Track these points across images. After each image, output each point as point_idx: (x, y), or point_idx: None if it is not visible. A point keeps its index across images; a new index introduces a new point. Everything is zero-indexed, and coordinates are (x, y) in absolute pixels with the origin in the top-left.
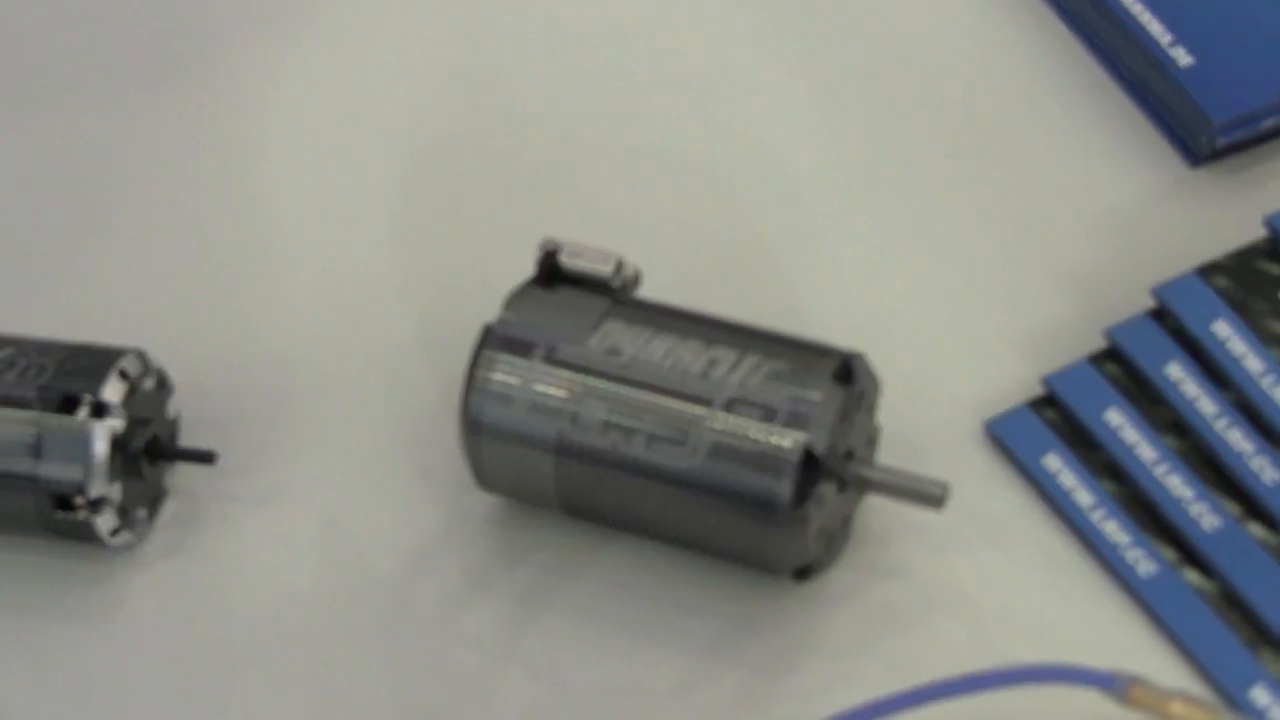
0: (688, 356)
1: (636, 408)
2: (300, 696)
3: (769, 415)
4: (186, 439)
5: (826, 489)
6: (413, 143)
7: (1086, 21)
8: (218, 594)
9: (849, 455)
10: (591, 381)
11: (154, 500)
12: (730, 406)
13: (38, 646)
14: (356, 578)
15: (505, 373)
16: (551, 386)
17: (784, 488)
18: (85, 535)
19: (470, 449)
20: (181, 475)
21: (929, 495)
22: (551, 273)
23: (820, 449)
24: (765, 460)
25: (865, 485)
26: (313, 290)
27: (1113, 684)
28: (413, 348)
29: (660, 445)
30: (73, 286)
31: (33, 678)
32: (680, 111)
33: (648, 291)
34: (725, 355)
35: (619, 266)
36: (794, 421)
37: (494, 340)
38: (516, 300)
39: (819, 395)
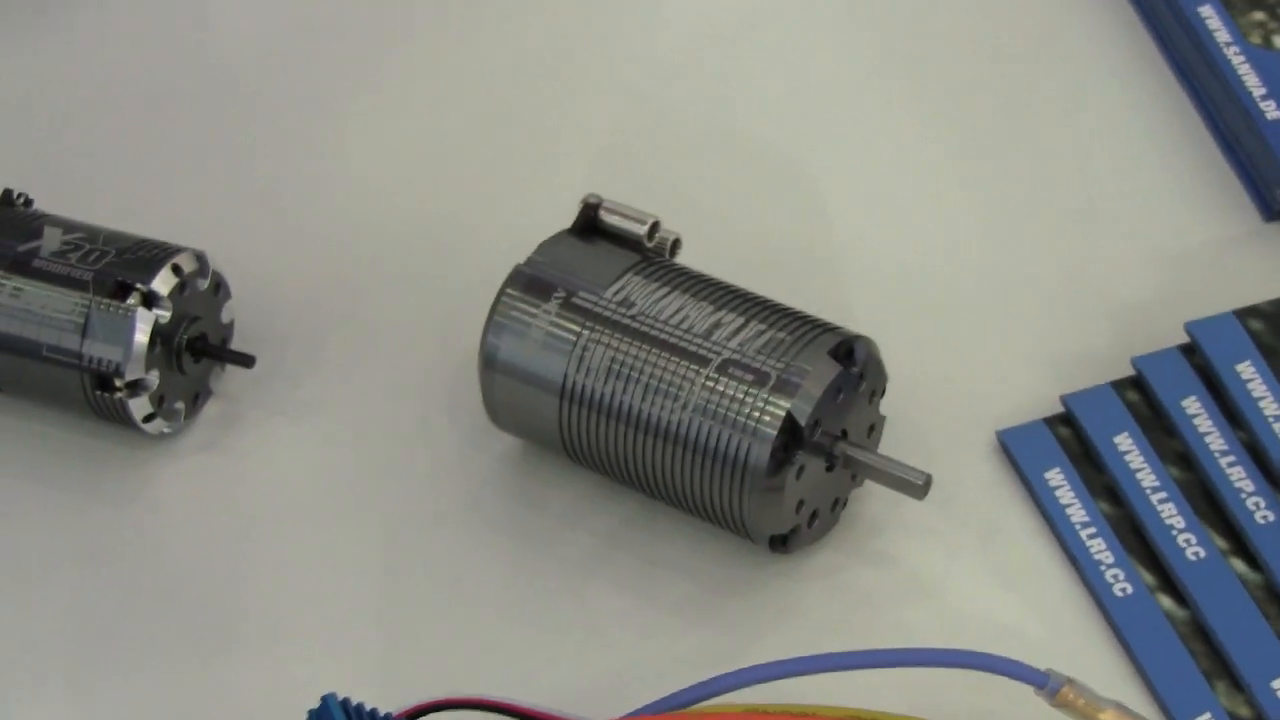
0: (695, 316)
1: (638, 360)
2: (300, 592)
3: (760, 380)
4: (241, 346)
5: (810, 462)
6: (487, 98)
7: (1191, 67)
8: (242, 492)
9: (840, 435)
10: (600, 330)
11: (195, 396)
12: (724, 368)
13: (68, 518)
14: (371, 495)
15: (523, 313)
16: (562, 330)
17: (762, 452)
18: (122, 417)
19: (485, 383)
20: (227, 379)
21: (910, 482)
22: (589, 224)
23: (804, 419)
24: (747, 424)
25: (848, 464)
26: (381, 225)
27: (1045, 683)
28: (468, 288)
29: (655, 398)
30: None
31: (59, 545)
32: (736, 95)
33: (693, 264)
34: (731, 320)
35: (654, 228)
36: (781, 389)
37: (519, 281)
38: (548, 245)
39: (811, 368)
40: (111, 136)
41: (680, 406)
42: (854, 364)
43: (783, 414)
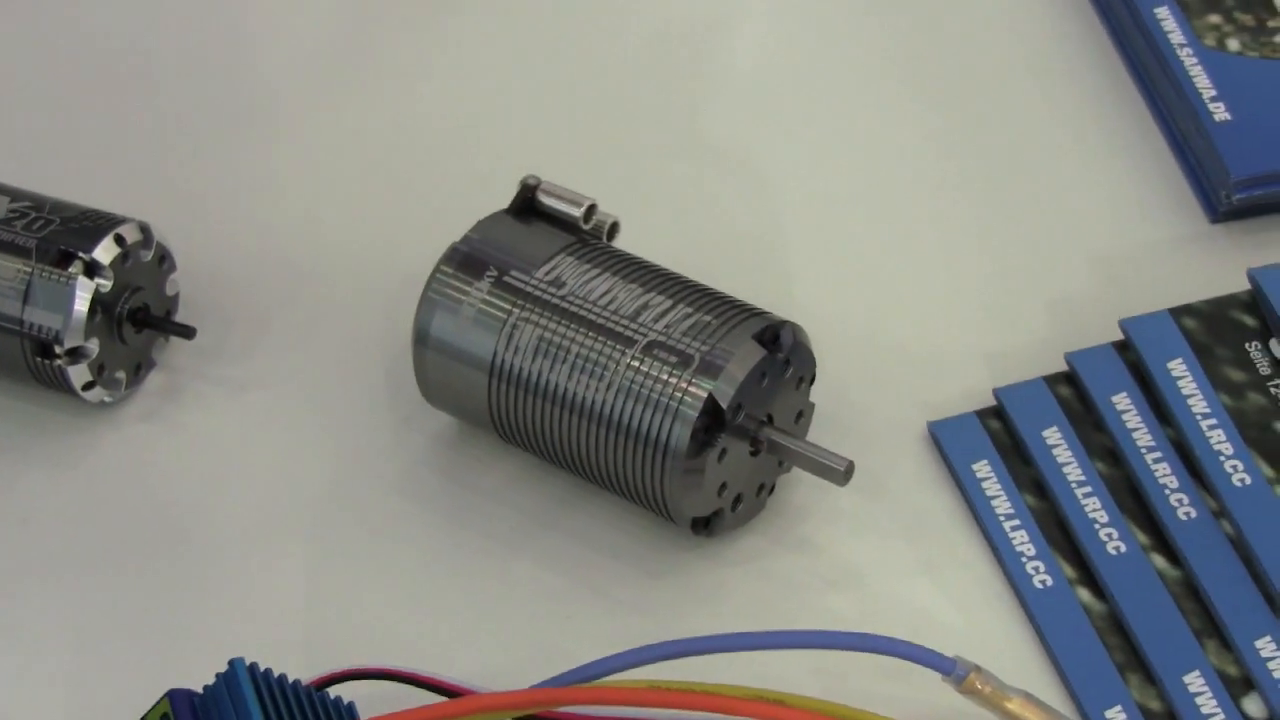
0: (623, 297)
1: (565, 339)
2: (229, 562)
3: (683, 363)
4: (185, 318)
5: (732, 445)
6: (439, 81)
7: (1145, 67)
8: (179, 462)
9: (766, 420)
10: (529, 309)
11: (137, 367)
12: (649, 349)
13: (5, 480)
14: (306, 470)
15: (456, 290)
16: (493, 308)
17: (683, 435)
18: (61, 384)
19: (417, 359)
20: (171, 351)
21: (832, 468)
22: (526, 205)
23: (725, 402)
24: (669, 407)
25: (771, 448)
26: (329, 205)
27: (952, 669)
28: (412, 268)
29: (580, 378)
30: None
31: None
32: (686, 88)
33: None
34: (659, 302)
35: (590, 210)
36: (704, 371)
37: (453, 258)
38: (485, 224)
39: (735, 351)
40: (66, 110)
41: (605, 387)
42: (779, 349)
43: (704, 396)
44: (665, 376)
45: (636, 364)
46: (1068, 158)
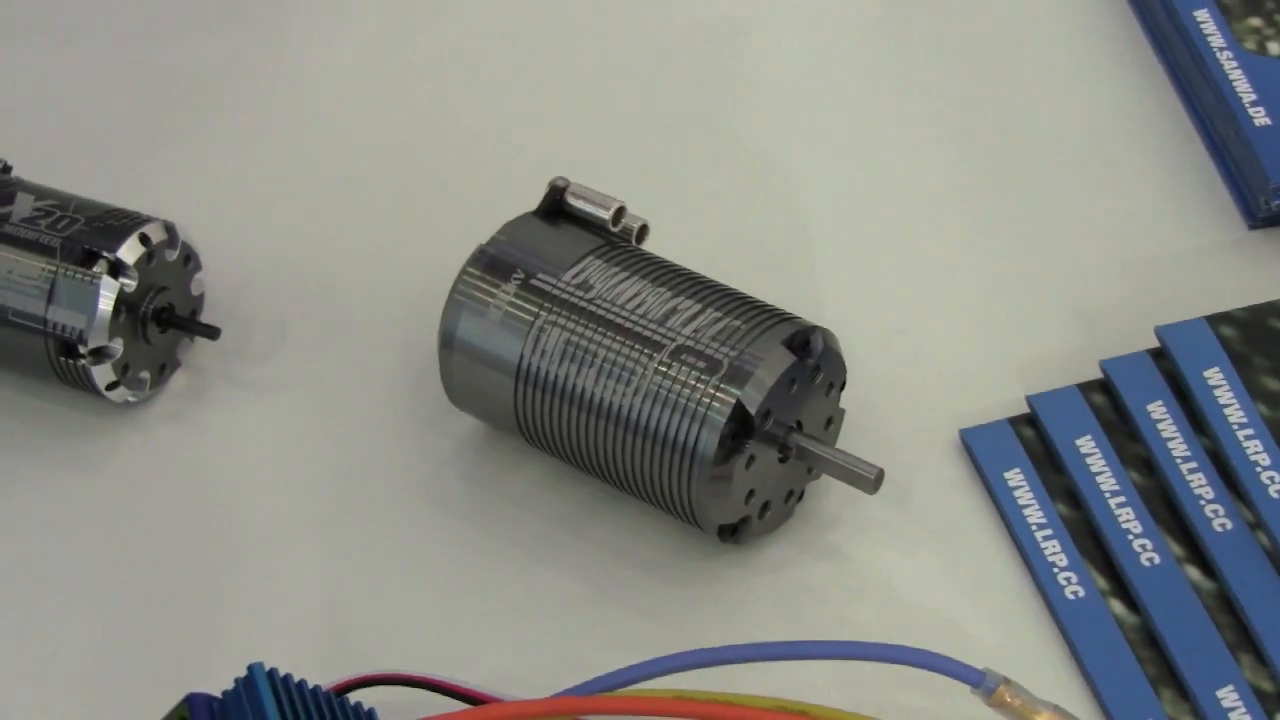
0: (652, 301)
1: (593, 343)
2: (253, 565)
3: (712, 368)
4: (210, 319)
5: (761, 452)
6: (467, 82)
7: (1185, 72)
8: (204, 464)
9: (795, 426)
10: (556, 312)
11: (161, 367)
12: (677, 354)
13: (31, 482)
14: (328, 473)
15: (482, 292)
16: (520, 311)
17: (710, 441)
18: (85, 384)
19: (443, 362)
20: (196, 352)
21: (862, 476)
22: (554, 207)
23: (753, 408)
24: (697, 412)
25: (800, 455)
26: (355, 206)
27: (981, 681)
28: (439, 270)
29: (607, 382)
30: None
31: (20, 509)
32: (718, 90)
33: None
34: (688, 306)
35: (619, 213)
36: (732, 377)
37: (480, 260)
38: (513, 226)
39: (764, 357)
40: (93, 108)
41: (632, 391)
42: (809, 355)
43: (733, 402)
44: (693, 382)
45: (664, 369)
46: (1104, 162)
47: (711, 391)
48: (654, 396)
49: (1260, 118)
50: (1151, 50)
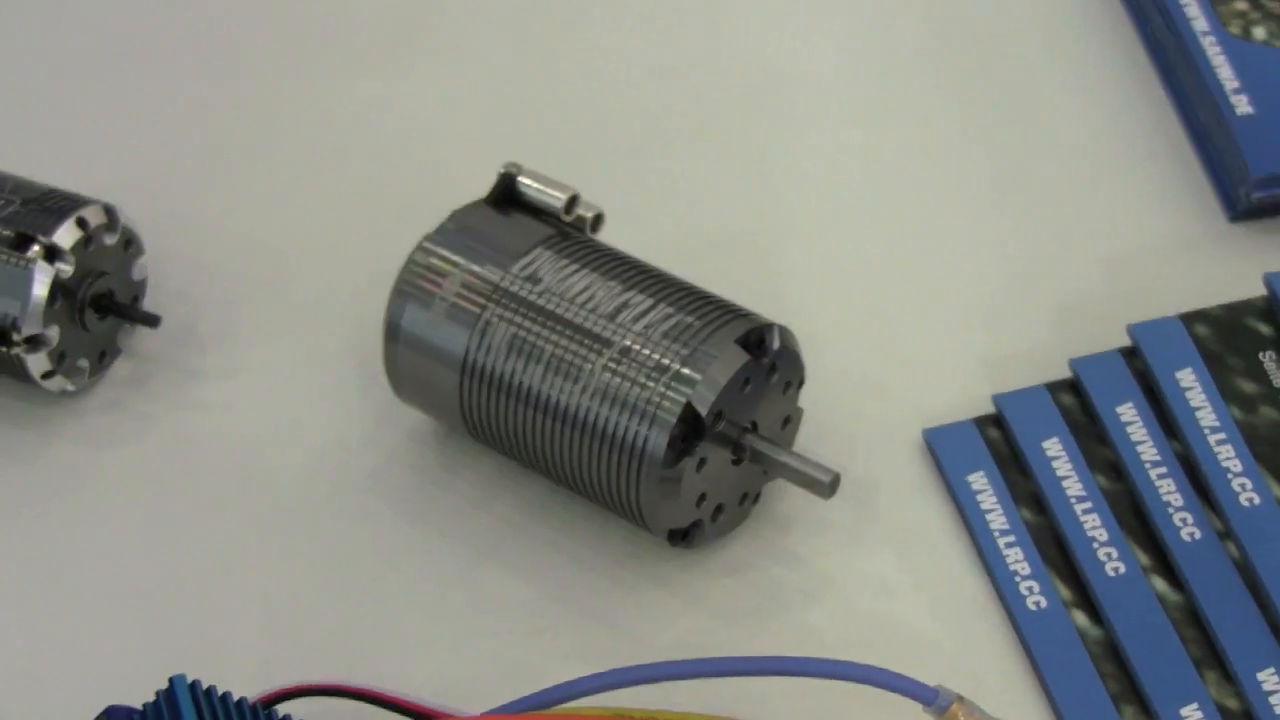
0: (602, 295)
1: (539, 338)
2: (189, 562)
3: (661, 367)
4: (153, 306)
5: (712, 453)
6: (424, 65)
7: (1168, 57)
8: (142, 455)
9: (750, 427)
10: (502, 305)
11: (101, 354)
12: (626, 351)
13: None
14: (274, 464)
15: (428, 282)
16: (465, 303)
17: (659, 442)
18: (20, 373)
19: (387, 353)
20: (139, 339)
21: (816, 480)
22: (505, 194)
23: (704, 409)
24: (645, 412)
25: (754, 457)
26: (306, 190)
27: (934, 700)
28: (389, 258)
29: (554, 379)
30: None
31: None
32: (682, 81)
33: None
34: (639, 301)
35: (573, 201)
36: (683, 377)
37: (425, 249)
38: (460, 215)
39: (717, 355)
40: (30, 84)
41: (579, 389)
42: (764, 353)
43: (682, 402)
44: (643, 380)
45: (613, 366)
46: (1080, 150)
47: (661, 390)
48: (602, 394)
49: (1243, 106)
50: (1133, 31)
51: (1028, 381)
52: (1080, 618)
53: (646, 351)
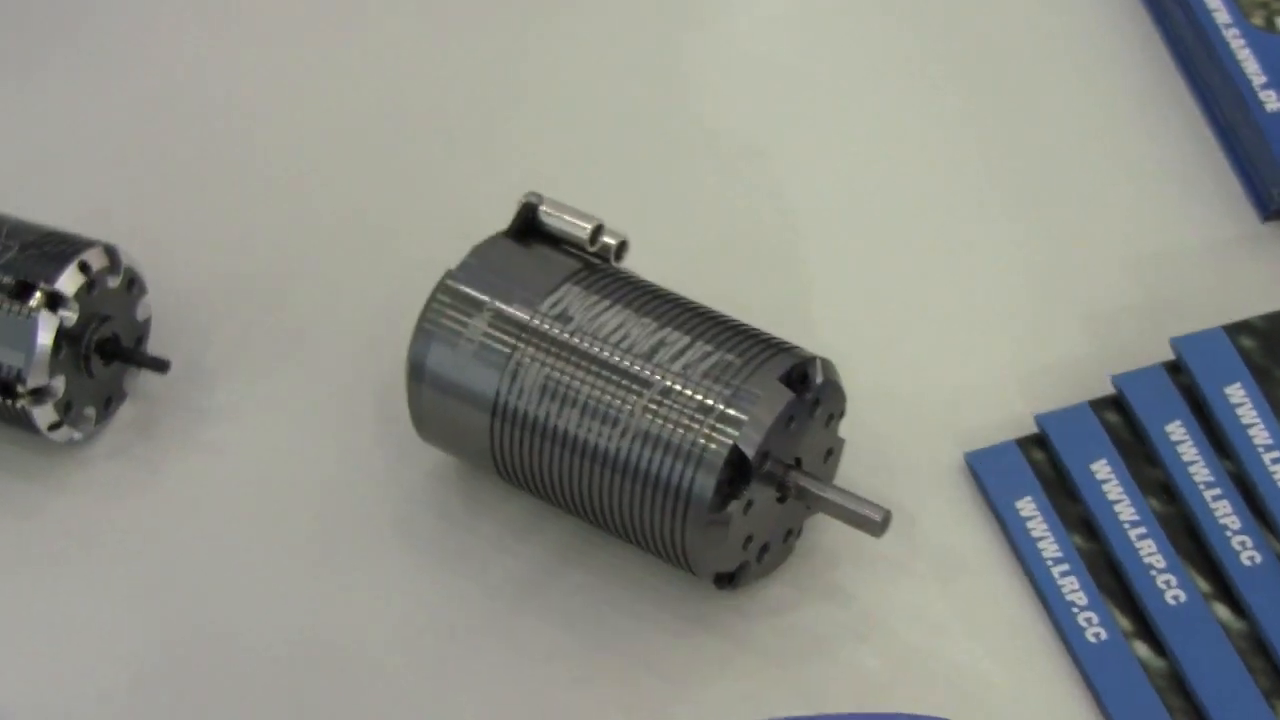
0: (637, 333)
1: (574, 380)
2: (220, 612)
3: (704, 408)
4: (158, 345)
5: (760, 495)
6: (429, 92)
7: (1191, 55)
8: (157, 502)
9: (794, 464)
10: (534, 345)
11: (106, 400)
12: (668, 392)
13: None
14: (293, 508)
15: (453, 321)
16: (495, 343)
17: (706, 486)
18: (26, 424)
19: (411, 394)
20: (144, 379)
21: (867, 519)
22: (527, 226)
23: (751, 451)
24: (690, 455)
25: (800, 495)
26: (310, 221)
27: None
28: (402, 289)
29: (591, 422)
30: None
31: None
32: (701, 98)
33: (642, 273)
34: (676, 338)
35: (598, 231)
36: (728, 418)
37: (448, 287)
38: (483, 249)
39: (761, 394)
40: (27, 123)
41: (620, 432)
42: (808, 388)
43: (729, 444)
44: (686, 421)
45: (654, 407)
46: (1104, 153)
47: (706, 432)
48: (643, 437)
49: (1272, 102)
50: (1154, 27)
51: (1065, 397)
52: (1142, 649)
53: (688, 392)
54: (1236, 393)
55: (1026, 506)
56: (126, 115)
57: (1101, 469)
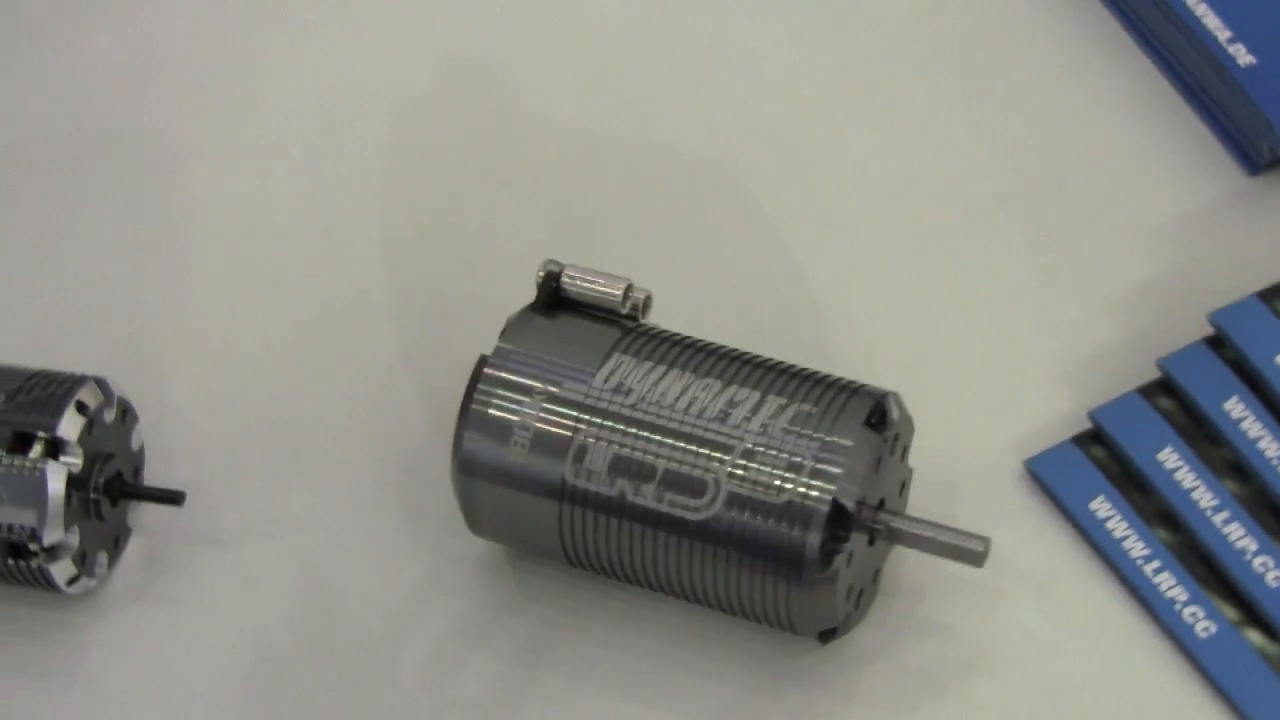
0: (704, 396)
1: (648, 454)
2: None
3: (795, 465)
4: (153, 470)
5: (857, 544)
6: (397, 148)
7: (1142, 19)
8: (181, 645)
9: (880, 505)
10: (597, 423)
11: (116, 541)
12: (752, 454)
13: None
14: (335, 629)
15: (503, 410)
16: (554, 427)
17: (810, 544)
18: (41, 583)
19: (463, 491)
20: (144, 511)
21: (969, 551)
22: (553, 298)
23: (850, 502)
24: (790, 514)
25: (891, 535)
26: (292, 311)
27: None
28: (400, 372)
29: (674, 495)
30: (39, 308)
31: None
32: (701, 112)
33: (663, 317)
34: (746, 395)
35: (628, 291)
36: (821, 472)
37: (491, 374)
38: (515, 328)
39: (849, 442)
40: None
41: (707, 500)
42: (888, 427)
43: (829, 500)
44: (777, 483)
45: (740, 472)
46: (1082, 141)
47: (802, 491)
48: (735, 504)
49: (1242, 56)
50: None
51: (1109, 388)
52: (1255, 636)
53: (773, 451)
54: None
55: (1102, 507)
56: (72, 231)
57: (1169, 457)
